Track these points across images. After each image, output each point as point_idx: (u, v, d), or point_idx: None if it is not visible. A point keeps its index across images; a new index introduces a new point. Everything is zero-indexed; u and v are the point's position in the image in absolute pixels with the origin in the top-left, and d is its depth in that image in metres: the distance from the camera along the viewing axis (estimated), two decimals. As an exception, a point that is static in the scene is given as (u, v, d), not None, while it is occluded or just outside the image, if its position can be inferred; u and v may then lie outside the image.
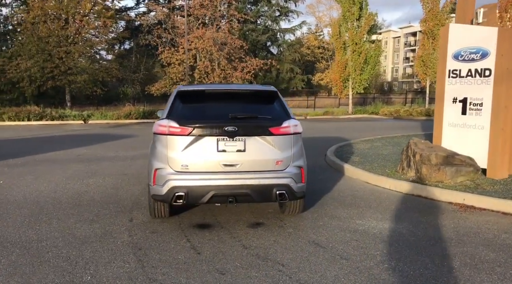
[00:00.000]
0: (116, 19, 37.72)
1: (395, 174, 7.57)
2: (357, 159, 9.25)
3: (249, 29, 50.55)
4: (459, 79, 7.76)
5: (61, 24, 30.90)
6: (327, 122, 23.28)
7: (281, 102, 5.21)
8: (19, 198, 6.21)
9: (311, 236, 4.73)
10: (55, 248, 4.24)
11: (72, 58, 30.18)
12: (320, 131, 17.79)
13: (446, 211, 5.81)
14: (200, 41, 35.78)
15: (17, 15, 35.84)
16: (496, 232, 4.96)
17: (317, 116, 27.34)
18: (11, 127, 20.06)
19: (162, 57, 35.54)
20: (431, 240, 4.67)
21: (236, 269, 3.81)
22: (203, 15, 38.16)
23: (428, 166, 6.99)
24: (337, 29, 27.53)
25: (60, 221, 5.11)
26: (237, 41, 38.33)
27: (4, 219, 5.21)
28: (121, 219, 5.22)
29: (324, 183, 7.49)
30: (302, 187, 5.02)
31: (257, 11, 52.81)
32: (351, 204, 6.14)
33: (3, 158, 9.93)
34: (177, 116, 4.80)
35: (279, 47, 56.47)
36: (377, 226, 5.13)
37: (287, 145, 4.87)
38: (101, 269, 3.73)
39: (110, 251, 4.17)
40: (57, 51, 29.93)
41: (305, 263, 3.98)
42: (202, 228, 4.94)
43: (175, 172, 4.66)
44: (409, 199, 6.43)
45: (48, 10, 30.99)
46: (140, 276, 3.61)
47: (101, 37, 34.09)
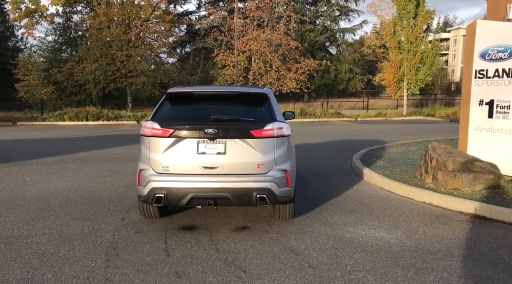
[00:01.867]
0: (175, 23, 38.94)
1: (413, 180, 7.22)
2: (381, 163, 8.92)
3: (307, 29, 50.19)
4: (486, 79, 7.26)
5: (123, 29, 32.44)
6: (375, 124, 22.59)
7: (269, 104, 5.14)
8: (34, 195, 6.61)
9: (291, 242, 4.63)
10: (37, 244, 4.46)
11: (133, 62, 31.56)
12: (362, 133, 17.32)
13: (452, 221, 5.46)
14: (254, 43, 36.10)
15: (85, 22, 38.07)
16: (495, 246, 4.59)
17: (368, 118, 26.60)
18: (69, 126, 21.37)
19: (217, 59, 36.25)
20: (417, 252, 4.41)
21: (195, 273, 3.82)
22: (259, 17, 38.42)
23: (444, 172, 6.60)
24: (391, 28, 26.62)
25: (57, 219, 5.37)
26: (292, 42, 38.24)
27: (9, 214, 5.57)
28: (114, 218, 5.40)
29: (336, 187, 7.30)
30: (287, 191, 4.92)
31: (316, 11, 52.30)
32: (353, 210, 5.94)
33: (45, 156, 10.61)
34: (161, 118, 4.89)
35: (338, 47, 55.56)
36: (366, 235, 4.93)
37: (270, 148, 4.79)
38: (66, 268, 3.87)
39: (85, 250, 4.32)
40: (118, 55, 31.45)
41: (268, 270, 3.91)
42: (185, 230, 5.00)
43: (156, 173, 4.74)
44: (417, 207, 6.11)
45: (112, 16, 32.68)
46: (98, 276, 3.71)
47: (159, 41, 35.32)
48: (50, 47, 38.45)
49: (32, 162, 9.69)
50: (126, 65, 31.52)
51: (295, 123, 24.31)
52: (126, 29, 32.71)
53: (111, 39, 32.03)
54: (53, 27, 39.35)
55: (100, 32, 32.34)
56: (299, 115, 25.61)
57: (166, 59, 38.93)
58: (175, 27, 40.38)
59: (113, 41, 31.94)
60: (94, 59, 31.64)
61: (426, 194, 6.40)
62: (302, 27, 49.31)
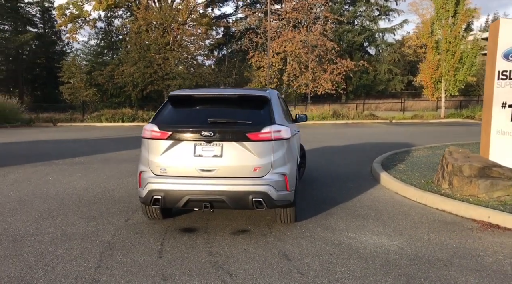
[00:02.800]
0: (212, 26, 39.43)
1: (429, 185, 6.98)
2: (402, 167, 8.68)
3: (345, 30, 49.52)
4: (509, 81, 6.95)
5: (160, 33, 33.18)
6: (410, 127, 22.01)
7: (269, 107, 5.11)
8: (51, 194, 6.87)
9: (286, 247, 4.59)
10: (38, 243, 4.62)
11: (169, 64, 32.21)
12: (393, 136, 16.92)
13: (461, 229, 5.25)
14: (289, 44, 36.00)
15: (126, 26, 39.22)
16: (500, 257, 4.38)
17: (404, 119, 25.94)
18: (105, 127, 22.06)
19: (252, 61, 36.39)
20: (414, 260, 4.27)
21: (181, 276, 3.84)
22: (295, 19, 38.29)
23: (460, 177, 6.35)
24: (429, 27, 25.85)
25: (65, 218, 5.55)
26: (328, 43, 37.86)
27: (22, 212, 5.81)
28: (119, 219, 5.53)
29: (348, 192, 7.17)
30: (285, 195, 4.88)
31: (354, 11, 51.51)
32: (360, 215, 5.82)
33: (73, 156, 11.00)
34: (160, 121, 4.97)
35: (377, 47, 54.47)
36: (367, 241, 4.81)
37: (267, 151, 4.77)
38: (58, 267, 3.99)
39: (82, 250, 4.43)
40: (156, 58, 32.17)
41: (255, 275, 3.89)
42: (185, 232, 5.04)
43: (154, 175, 4.82)
44: (428, 213, 5.91)
45: (150, 20, 33.49)
46: (86, 276, 3.79)
47: (196, 44, 35.85)
48: (93, 50, 39.86)
49: (59, 162, 10.07)
50: (163, 68, 32.20)
51: (326, 125, 24.08)
52: (163, 32, 33.43)
53: (149, 42, 32.82)
54: (95, 31, 40.77)
55: (138, 36, 33.22)
56: (331, 117, 25.33)
57: (203, 61, 39.49)
58: (211, 29, 40.89)
59: (151, 44, 32.72)
60: (132, 62, 32.52)
61: (439, 200, 6.18)
62: (340, 28, 48.71)
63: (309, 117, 25.19)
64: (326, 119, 25.06)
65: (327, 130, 20.82)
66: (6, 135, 18.01)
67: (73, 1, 36.39)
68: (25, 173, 8.63)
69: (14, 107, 23.78)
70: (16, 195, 6.81)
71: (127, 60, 33.32)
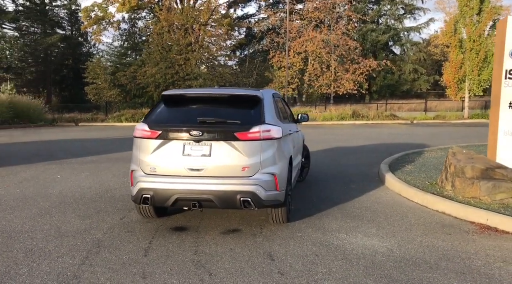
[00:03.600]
0: (233, 26, 39.60)
1: (433, 187, 6.84)
2: (409, 168, 8.52)
3: (369, 29, 48.86)
4: (517, 80, 6.73)
5: (182, 34, 33.54)
6: (430, 127, 21.59)
7: (261, 107, 5.09)
8: (55, 192, 7.03)
9: (273, 247, 4.57)
10: (31, 240, 4.73)
11: (190, 65, 32.53)
12: (410, 137, 16.64)
13: (457, 232, 5.12)
14: (310, 43, 35.86)
15: (148, 27, 39.80)
16: (491, 260, 4.26)
17: (425, 120, 25.46)
18: (125, 127, 22.42)
19: (273, 61, 36.40)
20: (400, 262, 4.19)
21: (161, 275, 3.86)
22: (316, 18, 38.10)
23: (462, 179, 6.20)
24: (452, 26, 25.28)
25: (62, 215, 5.66)
26: (350, 42, 37.56)
27: (23, 209, 5.96)
28: (114, 217, 5.61)
29: (350, 193, 7.09)
30: (275, 195, 4.87)
31: (379, 10, 50.82)
32: (356, 216, 5.74)
33: (85, 155, 11.24)
34: (151, 120, 5.02)
35: (402, 46, 53.56)
36: (357, 242, 4.75)
37: (255, 151, 4.76)
38: (44, 264, 4.06)
39: (71, 247, 4.51)
40: (177, 59, 32.55)
41: (234, 275, 3.88)
42: (175, 231, 5.08)
43: (144, 174, 4.87)
44: (427, 215, 5.79)
45: (172, 21, 33.90)
46: (69, 273, 3.86)
47: (217, 44, 36.08)
48: (117, 52, 40.60)
49: (72, 161, 10.30)
50: (184, 68, 32.54)
51: (344, 125, 23.85)
52: (185, 33, 33.77)
53: (171, 43, 33.19)
54: (119, 33, 41.53)
55: (160, 37, 33.66)
56: (350, 117, 25.07)
57: (224, 61, 39.70)
58: (233, 30, 41.07)
59: (173, 45, 33.10)
60: (154, 63, 32.99)
61: (439, 202, 6.06)
62: (363, 27, 48.16)
63: (327, 117, 25.07)
64: (345, 120, 24.81)
65: (344, 130, 20.63)
66: (28, 134, 18.53)
67: (98, 3, 37.18)
68: (36, 172, 8.86)
69: (38, 107, 24.46)
70: (21, 192, 7.00)
71: (149, 61, 33.84)
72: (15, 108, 22.68)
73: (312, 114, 25.59)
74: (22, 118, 23.00)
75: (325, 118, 25.02)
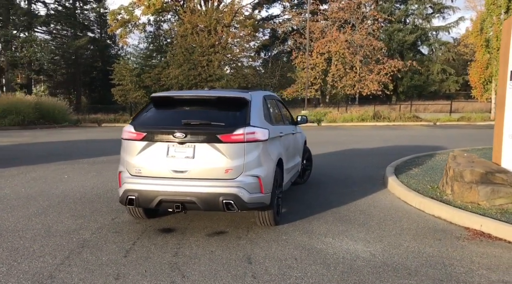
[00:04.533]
0: (257, 27, 39.65)
1: (434, 191, 6.68)
2: (415, 171, 8.34)
3: (395, 29, 48.01)
4: (522, 81, 6.49)
5: (205, 35, 33.83)
6: (452, 129, 21.08)
7: (247, 109, 5.08)
8: (57, 192, 7.19)
9: (255, 250, 4.55)
10: (19, 239, 4.85)
11: (212, 66, 32.76)
12: (429, 139, 16.28)
13: (448, 237, 4.99)
14: (334, 44, 35.55)
15: (173, 30, 40.30)
16: (474, 267, 4.13)
17: (449, 122, 24.83)
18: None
19: (296, 62, 36.27)
20: (380, 268, 4.11)
21: (134, 276, 3.89)
22: (341, 18, 37.75)
23: (461, 183, 6.03)
24: (478, 25, 24.59)
25: (57, 215, 5.79)
26: (375, 42, 37.06)
27: (22, 209, 6.11)
28: (106, 217, 5.70)
29: (349, 196, 7.00)
30: (259, 198, 4.85)
31: (406, 9, 49.88)
32: (347, 220, 5.67)
33: (97, 156, 11.48)
34: (138, 122, 5.08)
35: (430, 46, 52.40)
36: (341, 246, 4.69)
37: (239, 153, 4.75)
38: (24, 263, 4.16)
39: (55, 247, 4.60)
40: (200, 60, 32.84)
41: (207, 277, 3.88)
42: (162, 232, 5.12)
43: (130, 175, 4.93)
44: (422, 220, 5.66)
45: (195, 23, 34.23)
46: (45, 272, 3.94)
47: (240, 46, 36.20)
48: (142, 54, 41.26)
49: (83, 161, 10.55)
50: (207, 70, 32.79)
51: (364, 127, 23.52)
52: (208, 35, 34.03)
53: (194, 45, 33.49)
54: (145, 35, 42.21)
55: (184, 39, 34.04)
56: (371, 119, 24.70)
57: (248, 62, 39.76)
58: (257, 31, 41.12)
59: (196, 47, 33.39)
60: (178, 65, 33.38)
61: (436, 207, 5.91)
62: (390, 27, 47.40)
63: (348, 118, 24.78)
64: (366, 121, 24.48)
65: (363, 132, 20.35)
66: (51, 134, 19.07)
67: (125, 6, 37.93)
68: (46, 171, 9.11)
69: (63, 109, 25.15)
70: (26, 192, 7.20)
71: (173, 62, 34.27)
72: (41, 109, 23.39)
73: (332, 115, 25.37)
74: (47, 118, 23.71)
75: (345, 120, 24.75)
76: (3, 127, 21.66)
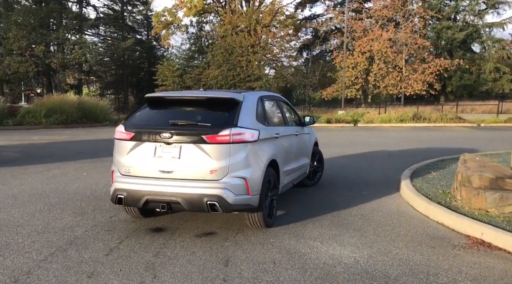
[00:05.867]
0: (298, 27, 39.42)
1: (446, 196, 6.38)
2: (433, 175, 7.99)
3: (444, 26, 46.15)
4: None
5: (244, 35, 34.01)
6: (496, 131, 20.08)
7: (237, 110, 5.03)
8: (70, 189, 7.42)
9: (236, 253, 4.48)
10: (15, 234, 5.02)
11: (251, 66, 32.85)
12: (464, 141, 15.60)
13: (444, 246, 4.75)
14: (376, 43, 34.75)
15: (214, 31, 40.80)
16: (460, 278, 3.90)
17: (495, 123, 23.60)
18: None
19: (336, 61, 35.74)
20: (358, 275, 3.96)
21: (107, 275, 3.92)
22: (384, 16, 36.84)
23: (468, 189, 5.72)
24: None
25: (60, 212, 5.96)
26: (420, 41, 35.88)
27: (32, 204, 6.35)
28: (105, 215, 5.81)
29: (357, 199, 6.80)
30: (245, 199, 4.80)
31: (455, 6, 47.88)
32: (344, 224, 5.51)
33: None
34: (129, 122, 5.16)
35: (482, 44, 49.99)
36: (326, 251, 4.56)
37: (224, 154, 4.72)
38: (9, 258, 4.28)
39: (44, 243, 4.72)
40: (239, 60, 33.03)
41: (178, 279, 3.84)
42: (152, 232, 5.15)
43: (120, 175, 5.02)
44: (423, 226, 5.41)
45: (235, 23, 34.49)
46: (25, 268, 4.04)
47: (281, 46, 36.10)
48: (185, 55, 42.08)
49: (107, 159, 10.81)
50: (245, 70, 32.92)
51: (401, 128, 22.80)
52: (247, 35, 34.17)
53: (233, 45, 33.69)
54: (187, 37, 43.00)
55: (224, 40, 34.37)
56: (410, 120, 23.89)
57: (289, 62, 39.59)
58: (299, 31, 40.88)
59: (234, 47, 33.56)
60: (217, 65, 33.77)
61: (440, 213, 5.64)
62: (438, 24, 45.67)
63: (386, 119, 24.12)
64: (405, 122, 23.71)
65: (398, 133, 19.74)
66: (90, 133, 19.80)
67: (168, 8, 38.78)
68: (68, 169, 9.46)
69: (104, 108, 26.08)
70: (41, 188, 7.49)
71: (213, 63, 34.71)
72: (84, 109, 24.36)
73: (370, 116, 24.79)
74: (89, 118, 24.66)
75: (383, 120, 24.10)
76: (48, 126, 22.73)
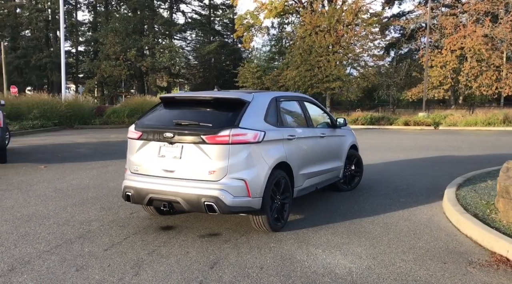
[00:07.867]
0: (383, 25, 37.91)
1: (488, 207, 5.74)
2: (489, 184, 7.17)
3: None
4: None
5: (324, 35, 33.42)
6: None
7: (242, 110, 4.93)
8: (112, 185, 7.71)
9: (228, 256, 4.38)
10: (38, 225, 5.34)
11: (330, 66, 32.17)
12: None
13: (458, 262, 4.27)
14: (468, 39, 32.31)
15: (294, 31, 40.65)
16: (456, 301, 3.48)
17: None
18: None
19: (423, 60, 33.78)
20: (342, 288, 3.71)
21: (94, 270, 4.02)
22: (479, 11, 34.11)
23: (506, 200, 5.09)
24: None
25: (90, 206, 6.26)
26: (521, 36, 32.70)
27: (69, 198, 6.74)
28: (127, 211, 5.99)
29: (389, 206, 6.37)
30: (245, 201, 4.70)
31: None
32: (360, 232, 5.17)
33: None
34: (140, 121, 5.30)
35: None
36: (324, 259, 4.31)
37: (223, 155, 4.66)
38: (18, 248, 4.55)
39: (56, 235, 4.98)
40: (318, 61, 32.52)
41: (157, 278, 3.82)
42: (162, 230, 5.20)
43: (130, 173, 5.16)
44: (447, 239, 4.92)
45: (315, 24, 34.03)
46: (27, 257, 4.29)
47: (361, 45, 34.97)
48: (265, 56, 42.50)
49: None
50: (323, 71, 32.33)
51: (486, 132, 20.90)
52: (327, 35, 33.53)
53: (312, 45, 33.20)
54: (268, 38, 43.38)
55: (303, 41, 34.09)
56: (500, 123, 21.78)
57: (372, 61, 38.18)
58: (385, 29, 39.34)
59: (313, 47, 33.06)
60: (295, 66, 33.60)
61: (470, 225, 5.07)
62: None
63: (471, 122, 22.29)
64: (494, 125, 21.68)
65: (479, 137, 18.14)
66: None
67: (250, 11, 39.42)
68: (121, 166, 9.81)
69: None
70: (87, 183, 7.92)
71: (291, 64, 34.60)
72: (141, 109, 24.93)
73: (453, 118, 23.04)
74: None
75: (468, 123, 22.27)
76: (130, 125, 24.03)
